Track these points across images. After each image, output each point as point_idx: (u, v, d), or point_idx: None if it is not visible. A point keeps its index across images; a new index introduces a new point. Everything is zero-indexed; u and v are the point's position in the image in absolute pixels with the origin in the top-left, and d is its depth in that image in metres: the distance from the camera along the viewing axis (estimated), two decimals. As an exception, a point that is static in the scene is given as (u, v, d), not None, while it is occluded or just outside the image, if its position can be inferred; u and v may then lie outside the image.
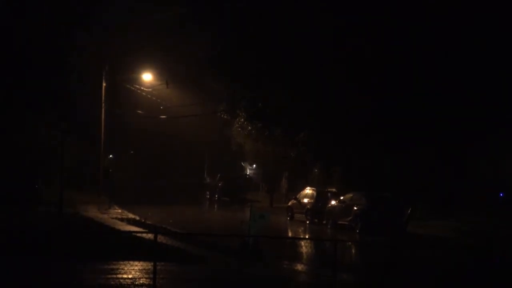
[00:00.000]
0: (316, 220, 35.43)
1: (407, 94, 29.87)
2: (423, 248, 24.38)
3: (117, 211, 35.55)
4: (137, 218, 31.92)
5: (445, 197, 36.45)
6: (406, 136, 31.01)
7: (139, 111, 48.88)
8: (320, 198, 36.18)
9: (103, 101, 43.44)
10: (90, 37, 35.65)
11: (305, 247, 21.42)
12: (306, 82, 31.81)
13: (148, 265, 14.79)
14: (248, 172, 70.81)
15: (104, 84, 43.62)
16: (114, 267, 15.98)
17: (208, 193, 58.76)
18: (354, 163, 38.04)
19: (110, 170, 43.33)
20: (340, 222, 32.57)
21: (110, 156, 47.90)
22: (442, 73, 29.11)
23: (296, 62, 31.05)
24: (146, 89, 46.61)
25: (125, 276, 14.95)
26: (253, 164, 65.94)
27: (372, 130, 31.47)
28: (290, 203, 39.16)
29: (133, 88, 46.33)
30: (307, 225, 35.22)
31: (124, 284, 14.34)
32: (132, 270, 15.36)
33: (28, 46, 29.63)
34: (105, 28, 40.32)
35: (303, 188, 40.33)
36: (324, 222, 34.28)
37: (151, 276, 13.66)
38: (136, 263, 15.85)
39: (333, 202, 34.21)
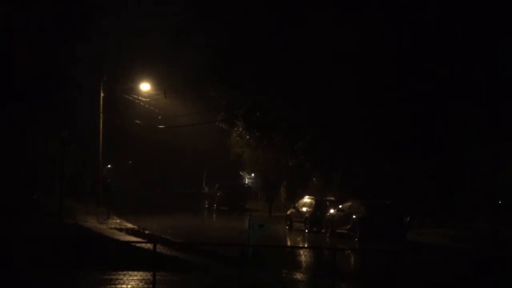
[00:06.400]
0: (314, 229, 35.41)
1: (406, 101, 29.90)
2: (423, 256, 24.40)
3: (116, 221, 35.48)
4: (136, 228, 31.90)
5: (445, 204, 36.44)
6: (405, 143, 31.02)
7: (137, 121, 48.89)
8: (318, 207, 36.17)
9: (101, 111, 43.49)
10: (88, 47, 35.73)
11: (304, 256, 21.39)
12: (305, 90, 31.82)
13: (147, 275, 14.76)
14: (246, 181, 70.86)
15: (102, 95, 43.66)
16: (113, 277, 15.94)
17: (206, 202, 58.70)
18: (353, 170, 38.03)
19: (109, 180, 43.38)
20: (339, 231, 32.55)
21: (109, 165, 47.95)
22: (441, 79, 29.15)
23: (295, 70, 31.07)
24: (145, 99, 46.65)
25: (124, 286, 14.93)
26: (251, 173, 66.01)
27: (372, 137, 31.48)
28: (288, 212, 39.13)
29: (131, 98, 46.38)
30: (306, 234, 35.20)
31: (123, 294, 14.35)
32: (131, 280, 15.34)
33: (28, 55, 29.71)
34: (103, 36, 40.40)
35: (302, 196, 40.33)
36: (323, 230, 34.26)
37: (150, 286, 13.67)
38: (135, 273, 15.82)
39: (331, 211, 34.20)
